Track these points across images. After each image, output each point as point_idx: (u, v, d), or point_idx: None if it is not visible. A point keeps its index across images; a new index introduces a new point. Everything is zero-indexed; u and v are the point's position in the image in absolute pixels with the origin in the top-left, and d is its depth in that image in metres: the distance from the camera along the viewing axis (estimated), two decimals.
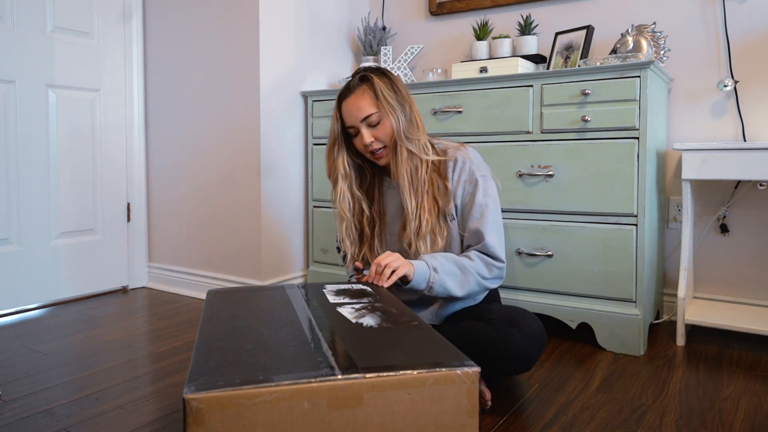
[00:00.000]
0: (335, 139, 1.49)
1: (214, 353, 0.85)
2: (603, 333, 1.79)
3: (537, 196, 1.87)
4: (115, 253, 2.57)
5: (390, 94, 1.42)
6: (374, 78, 1.44)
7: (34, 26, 2.25)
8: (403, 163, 1.42)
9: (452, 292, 1.37)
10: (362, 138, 1.43)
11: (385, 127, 1.42)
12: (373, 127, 1.43)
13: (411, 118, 1.44)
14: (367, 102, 1.42)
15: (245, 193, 2.31)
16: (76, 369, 1.62)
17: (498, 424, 1.28)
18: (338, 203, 1.51)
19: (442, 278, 1.34)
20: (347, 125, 1.46)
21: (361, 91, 1.43)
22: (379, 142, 1.43)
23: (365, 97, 1.42)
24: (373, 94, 1.42)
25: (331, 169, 1.51)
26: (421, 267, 1.33)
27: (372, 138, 1.42)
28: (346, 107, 1.45)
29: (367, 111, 1.41)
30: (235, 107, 2.32)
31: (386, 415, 0.76)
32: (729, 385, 1.51)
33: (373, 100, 1.42)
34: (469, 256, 1.40)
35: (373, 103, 1.42)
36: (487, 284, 1.42)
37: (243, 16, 2.27)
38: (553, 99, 1.83)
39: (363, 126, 1.43)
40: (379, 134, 1.43)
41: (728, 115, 2.01)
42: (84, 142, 2.44)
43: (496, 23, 2.42)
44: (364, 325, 0.98)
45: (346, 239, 1.53)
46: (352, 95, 1.44)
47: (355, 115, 1.42)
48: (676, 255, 2.09)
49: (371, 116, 1.42)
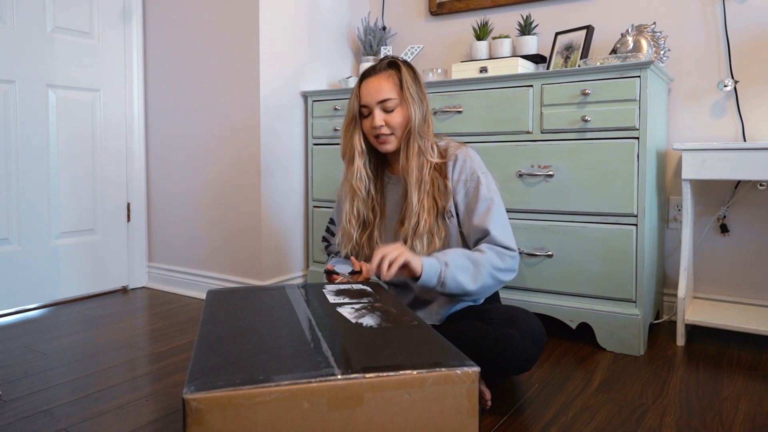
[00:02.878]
0: (353, 116, 1.48)
1: (214, 353, 0.85)
2: (603, 333, 1.79)
3: (537, 196, 1.87)
4: (115, 253, 2.57)
5: (413, 87, 1.44)
6: (402, 67, 1.45)
7: (34, 26, 2.25)
8: (413, 157, 1.42)
9: (465, 286, 1.33)
10: (373, 119, 1.43)
11: (400, 117, 1.43)
12: (387, 112, 1.43)
13: (426, 116, 1.46)
14: (389, 86, 1.43)
15: (245, 193, 2.31)
16: (76, 369, 1.62)
17: (498, 424, 1.28)
18: (355, 181, 1.49)
19: (453, 272, 1.31)
20: (362, 104, 1.45)
21: (387, 75, 1.44)
22: (389, 128, 1.43)
23: (389, 81, 1.43)
24: (398, 81, 1.43)
25: (347, 147, 1.51)
26: (431, 262, 1.31)
27: (383, 122, 1.42)
28: (366, 86, 1.45)
29: (387, 95, 1.42)
30: (235, 107, 2.32)
31: (386, 415, 0.76)
32: (729, 385, 1.51)
33: (397, 87, 1.43)
34: (480, 249, 1.38)
35: (396, 90, 1.43)
36: (501, 276, 1.38)
37: (243, 16, 2.27)
38: (553, 99, 1.83)
39: (378, 108, 1.43)
40: (391, 121, 1.43)
41: (728, 115, 2.01)
42: (84, 142, 2.44)
43: (496, 23, 2.42)
44: (364, 325, 0.98)
45: (352, 219, 1.50)
46: (376, 75, 1.45)
47: (373, 95, 1.43)
48: (676, 255, 2.09)
49: (389, 101, 1.42)
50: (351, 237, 1.52)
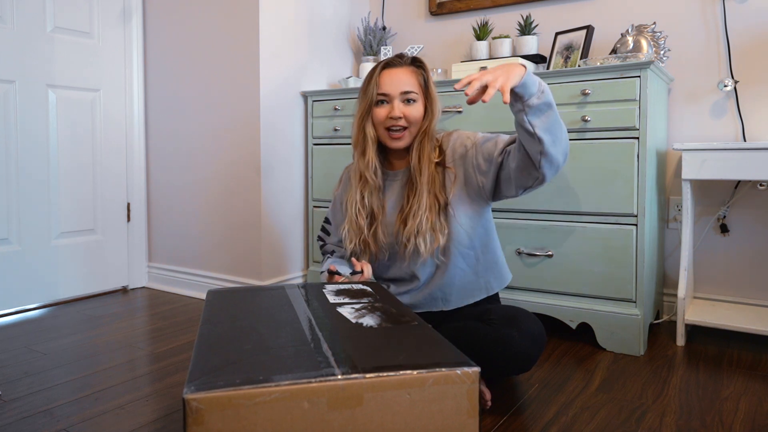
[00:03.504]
0: (369, 104, 1.45)
1: (214, 353, 0.85)
2: (603, 333, 1.79)
3: (537, 196, 1.87)
4: (115, 253, 2.57)
5: (433, 87, 1.45)
6: (425, 66, 1.46)
7: (34, 26, 2.25)
8: (425, 157, 1.43)
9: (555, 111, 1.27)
10: (393, 109, 1.41)
11: (418, 112, 1.43)
12: (407, 104, 1.42)
13: (437, 118, 1.47)
14: (414, 80, 1.43)
15: (245, 193, 2.32)
16: (76, 369, 1.62)
17: (498, 424, 1.28)
18: (369, 173, 1.46)
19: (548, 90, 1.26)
20: (381, 92, 1.43)
21: (411, 70, 1.45)
22: (406, 121, 1.42)
23: (414, 75, 1.44)
24: (422, 80, 1.44)
25: (359, 136, 1.48)
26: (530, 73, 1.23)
27: (401, 114, 1.41)
28: (389, 75, 1.44)
29: (410, 87, 1.42)
30: (235, 107, 2.33)
31: (386, 415, 0.76)
32: (729, 385, 1.51)
33: (421, 84, 1.44)
34: None
35: (418, 86, 1.43)
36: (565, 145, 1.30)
37: (243, 16, 2.27)
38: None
39: (398, 98, 1.42)
40: (410, 114, 1.42)
41: (728, 115, 2.01)
42: (84, 142, 2.44)
43: (496, 23, 2.42)
44: (364, 325, 0.98)
45: (362, 211, 1.48)
46: (399, 67, 1.45)
47: (397, 84, 1.42)
48: (676, 255, 2.09)
49: (412, 93, 1.42)
50: (360, 229, 1.48)
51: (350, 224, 1.50)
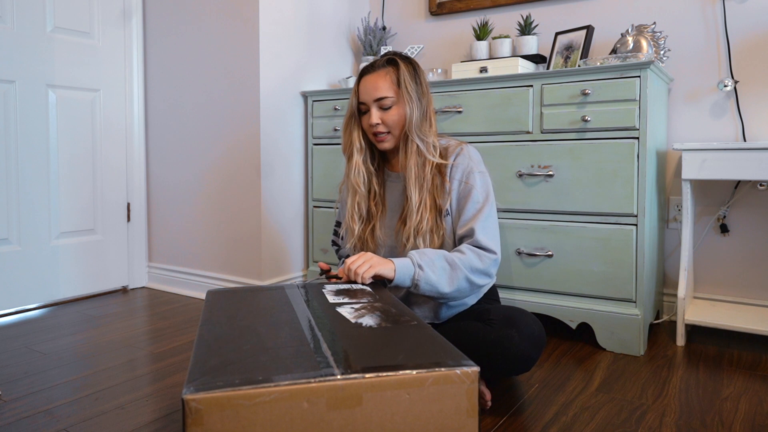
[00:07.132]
0: (352, 113, 1.49)
1: (214, 354, 0.85)
2: (603, 333, 1.79)
3: (537, 196, 1.87)
4: (115, 253, 2.57)
5: (411, 84, 1.43)
6: (401, 64, 1.44)
7: (34, 26, 2.25)
8: (412, 155, 1.42)
9: (440, 288, 1.31)
10: (370, 117, 1.43)
11: (396, 115, 1.42)
12: (384, 110, 1.42)
13: (426, 114, 1.45)
14: (387, 84, 1.42)
15: (245, 193, 2.32)
16: (76, 369, 1.62)
17: (498, 424, 1.28)
18: (353, 177, 1.49)
19: (428, 275, 1.30)
20: (360, 101, 1.46)
21: (384, 72, 1.43)
22: (385, 126, 1.43)
23: (387, 78, 1.43)
24: (395, 79, 1.43)
25: (347, 143, 1.51)
26: (404, 264, 1.30)
27: (379, 120, 1.42)
28: (364, 83, 1.45)
29: (383, 93, 1.42)
30: (235, 107, 2.32)
31: (386, 415, 0.76)
32: (729, 385, 1.51)
33: (394, 84, 1.42)
34: (460, 250, 1.37)
35: (392, 88, 1.42)
36: (478, 280, 1.35)
37: (243, 16, 2.27)
38: (553, 99, 1.83)
39: (374, 106, 1.43)
40: (388, 119, 1.42)
41: (728, 115, 2.01)
42: (84, 142, 2.44)
43: (496, 23, 2.42)
44: (363, 325, 0.98)
45: (354, 215, 1.50)
46: (373, 73, 1.44)
47: (370, 92, 1.43)
48: (676, 255, 2.09)
49: (386, 99, 1.42)
50: (353, 232, 1.52)
51: (346, 226, 1.54)
